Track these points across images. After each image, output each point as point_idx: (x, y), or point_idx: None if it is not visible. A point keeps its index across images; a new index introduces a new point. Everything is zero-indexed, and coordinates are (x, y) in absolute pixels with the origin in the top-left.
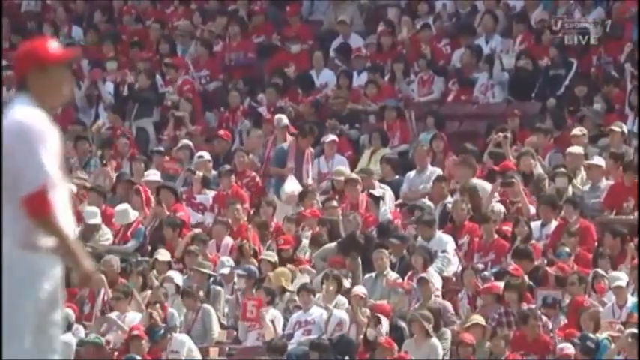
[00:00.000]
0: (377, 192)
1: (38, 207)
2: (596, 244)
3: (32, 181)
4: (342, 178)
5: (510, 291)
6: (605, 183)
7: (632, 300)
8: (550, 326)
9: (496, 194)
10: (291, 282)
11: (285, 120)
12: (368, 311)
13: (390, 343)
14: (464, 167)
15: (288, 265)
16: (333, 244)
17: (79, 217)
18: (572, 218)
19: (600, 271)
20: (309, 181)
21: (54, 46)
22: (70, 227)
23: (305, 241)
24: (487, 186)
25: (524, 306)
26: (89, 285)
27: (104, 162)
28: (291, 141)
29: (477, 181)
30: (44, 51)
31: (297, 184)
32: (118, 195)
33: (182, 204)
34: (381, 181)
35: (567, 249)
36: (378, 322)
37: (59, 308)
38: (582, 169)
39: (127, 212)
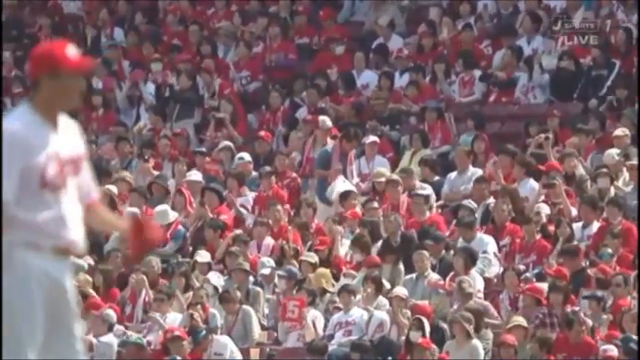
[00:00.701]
0: (421, 191)
1: None
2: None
3: None
4: (383, 179)
5: (555, 293)
6: None
7: None
8: (593, 327)
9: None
10: (332, 283)
11: (328, 122)
12: (409, 313)
13: (427, 344)
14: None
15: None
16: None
17: None
18: (616, 219)
19: None
20: (354, 181)
21: (72, 52)
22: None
23: (346, 242)
24: (535, 184)
25: (569, 308)
26: None
27: (146, 159)
28: (335, 143)
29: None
30: (60, 57)
31: (348, 184)
32: (155, 196)
33: (226, 206)
34: (423, 181)
35: (610, 250)
36: (421, 324)
37: (67, 321)
38: (625, 169)
39: (167, 213)
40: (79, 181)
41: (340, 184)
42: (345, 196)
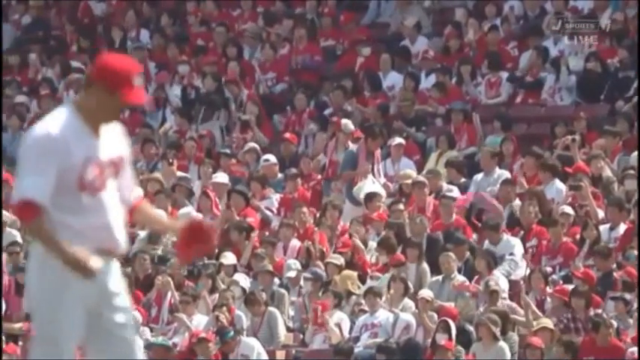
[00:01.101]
0: (448, 193)
1: (20, 215)
2: None
3: (17, 192)
4: (410, 181)
5: (577, 297)
6: None
7: None
8: (618, 329)
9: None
10: (358, 285)
11: (350, 126)
12: (435, 315)
13: (450, 346)
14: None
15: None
16: None
17: None
18: None
19: None
20: (382, 181)
21: (136, 82)
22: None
23: (372, 244)
24: (561, 186)
25: (592, 312)
26: (86, 275)
27: (170, 162)
28: (360, 143)
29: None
30: (124, 81)
31: (377, 184)
32: (179, 198)
33: (252, 208)
34: (449, 183)
35: (636, 252)
36: (447, 326)
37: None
38: None
39: (190, 215)
40: (120, 183)
41: (369, 184)
42: (370, 197)
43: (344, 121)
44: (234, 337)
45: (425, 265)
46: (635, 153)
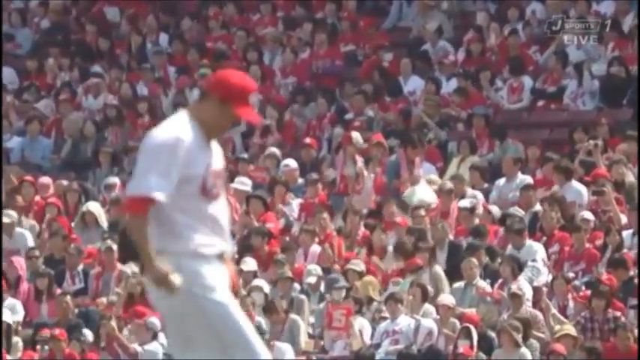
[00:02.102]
0: (466, 202)
1: (133, 207)
2: None
3: (134, 186)
4: (436, 187)
5: (598, 298)
6: None
7: None
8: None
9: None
10: (379, 292)
11: (360, 139)
12: (457, 322)
13: (469, 352)
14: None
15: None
16: None
17: None
18: None
19: None
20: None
21: (251, 99)
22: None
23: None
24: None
25: (610, 313)
26: (163, 285)
27: None
28: (400, 153)
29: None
30: (240, 96)
31: (430, 190)
32: None
33: (272, 213)
34: (472, 188)
35: None
36: (469, 333)
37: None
38: None
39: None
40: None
41: (422, 190)
42: (419, 206)
43: (354, 134)
44: (267, 344)
45: (437, 268)
46: None
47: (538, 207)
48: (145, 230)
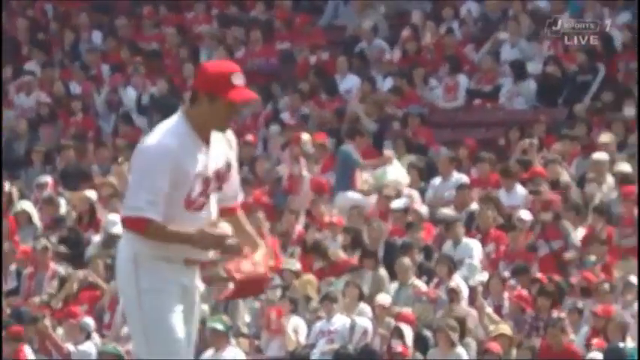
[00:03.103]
0: (400, 203)
1: (132, 228)
2: None
3: (128, 206)
4: (372, 186)
5: (544, 297)
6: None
7: None
8: (575, 335)
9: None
10: (317, 291)
11: (310, 146)
12: (393, 321)
13: (405, 352)
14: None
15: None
16: None
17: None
18: (599, 226)
19: (632, 280)
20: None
21: (238, 81)
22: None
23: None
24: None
25: (554, 314)
26: (232, 250)
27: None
28: (351, 143)
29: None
30: (222, 83)
31: (402, 170)
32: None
33: None
34: (409, 187)
35: (593, 258)
36: (400, 332)
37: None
38: (610, 176)
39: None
40: (225, 189)
41: (395, 168)
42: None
43: (305, 137)
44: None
45: (382, 271)
46: (595, 156)
47: (474, 206)
48: (163, 233)
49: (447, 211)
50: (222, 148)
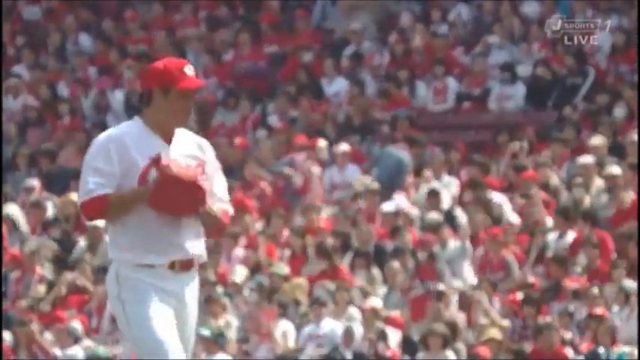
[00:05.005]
0: (390, 206)
1: (93, 212)
2: (616, 255)
3: (80, 195)
4: (362, 189)
5: (529, 306)
6: (621, 194)
7: None
8: (566, 339)
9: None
10: (306, 295)
11: (325, 152)
12: (382, 325)
13: (394, 356)
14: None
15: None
16: None
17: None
18: (587, 230)
19: (625, 285)
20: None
21: (186, 72)
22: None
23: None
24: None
25: (541, 319)
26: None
27: None
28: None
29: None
30: (169, 75)
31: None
32: None
33: None
34: None
35: (584, 261)
36: (384, 336)
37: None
38: (598, 179)
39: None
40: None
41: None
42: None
43: (321, 144)
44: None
45: (373, 274)
46: (583, 159)
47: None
48: (122, 201)
49: (433, 215)
50: (189, 149)
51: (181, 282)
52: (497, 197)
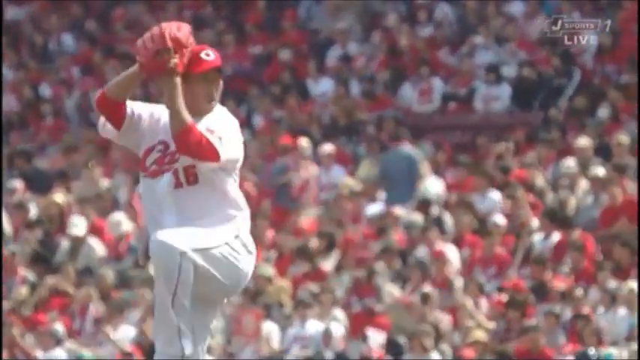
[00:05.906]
0: (376, 208)
1: (97, 104)
2: (602, 256)
3: None
4: (346, 190)
5: (513, 309)
6: (606, 195)
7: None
8: (552, 341)
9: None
10: (291, 296)
11: (309, 150)
12: (368, 327)
13: (381, 357)
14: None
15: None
16: None
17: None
18: (573, 231)
19: (609, 285)
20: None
21: (202, 57)
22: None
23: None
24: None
25: (526, 322)
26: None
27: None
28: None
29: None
30: (190, 60)
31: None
32: (104, 207)
33: None
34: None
35: (569, 262)
36: (366, 339)
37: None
38: (584, 180)
39: (120, 223)
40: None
41: (433, 183)
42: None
43: (303, 143)
44: None
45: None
46: (569, 160)
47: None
48: (115, 88)
49: (417, 217)
50: (209, 123)
51: None
52: (494, 196)
